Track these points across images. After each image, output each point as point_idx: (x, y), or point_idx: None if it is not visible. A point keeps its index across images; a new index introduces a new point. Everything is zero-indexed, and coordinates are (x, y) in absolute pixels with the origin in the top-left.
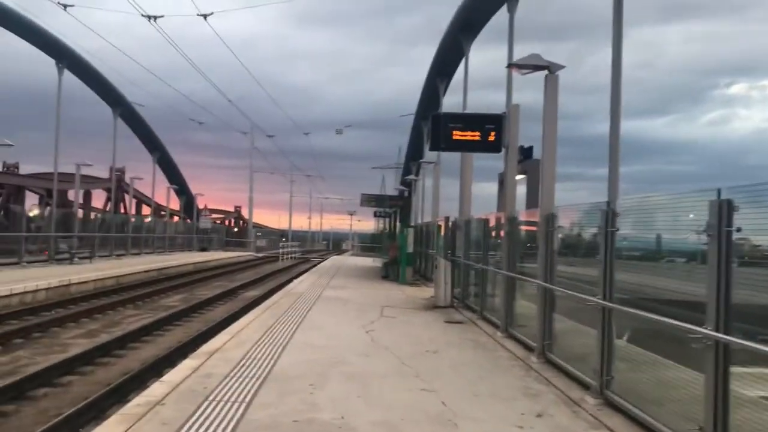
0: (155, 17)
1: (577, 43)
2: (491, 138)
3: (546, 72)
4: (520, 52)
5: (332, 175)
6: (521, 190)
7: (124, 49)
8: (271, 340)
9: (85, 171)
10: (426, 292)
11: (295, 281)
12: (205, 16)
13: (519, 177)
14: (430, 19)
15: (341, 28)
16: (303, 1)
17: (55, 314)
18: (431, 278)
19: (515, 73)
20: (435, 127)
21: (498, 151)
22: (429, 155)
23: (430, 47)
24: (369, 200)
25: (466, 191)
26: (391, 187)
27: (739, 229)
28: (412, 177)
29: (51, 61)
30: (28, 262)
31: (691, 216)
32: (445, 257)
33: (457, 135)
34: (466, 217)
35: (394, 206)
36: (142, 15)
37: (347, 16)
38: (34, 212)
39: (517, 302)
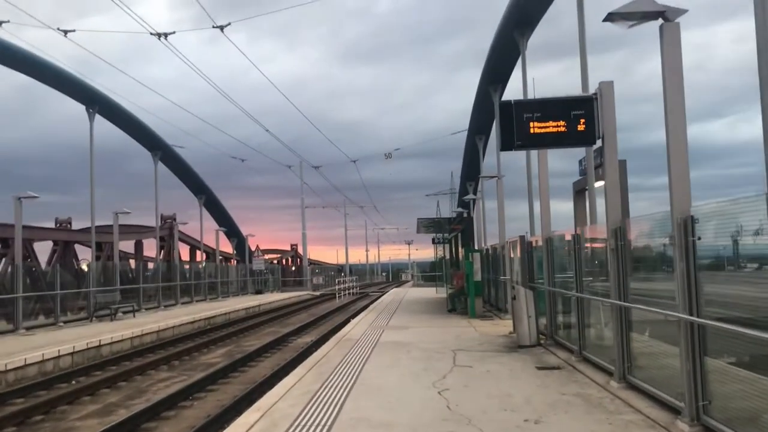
0: (165, 34)
1: (625, 52)
2: (581, 127)
3: (660, 21)
4: (565, 68)
5: (387, 206)
6: (600, 201)
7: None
8: (313, 418)
9: (136, 221)
10: (501, 326)
11: (352, 322)
12: (221, 28)
13: (598, 184)
14: (471, 42)
15: (384, 61)
16: (344, 39)
17: (74, 385)
18: (503, 308)
19: (619, 29)
20: (505, 119)
21: (592, 142)
22: (488, 169)
23: (475, 70)
24: (426, 225)
25: (544, 201)
26: (447, 213)
27: None
28: (470, 197)
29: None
30: (65, 322)
31: None
32: (524, 284)
33: (537, 127)
34: (547, 233)
35: (454, 230)
36: (151, 33)
37: (389, 49)
38: (85, 267)
39: (633, 337)
